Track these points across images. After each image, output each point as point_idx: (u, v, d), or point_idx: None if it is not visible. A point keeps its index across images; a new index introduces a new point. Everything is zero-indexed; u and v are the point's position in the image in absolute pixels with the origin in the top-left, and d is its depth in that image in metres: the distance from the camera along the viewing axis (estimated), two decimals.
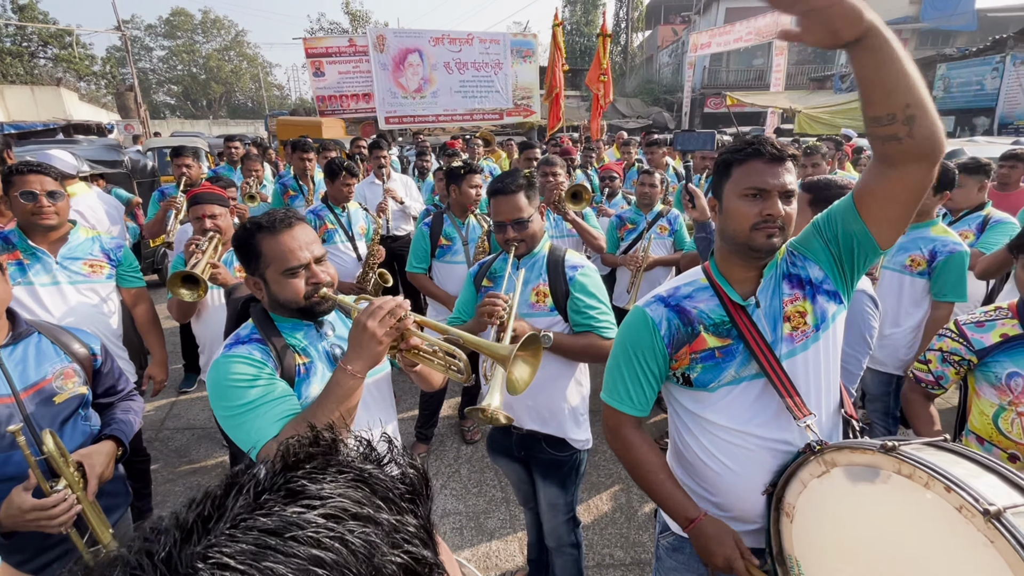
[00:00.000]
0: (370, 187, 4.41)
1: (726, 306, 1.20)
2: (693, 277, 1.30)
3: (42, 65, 29.82)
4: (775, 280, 1.20)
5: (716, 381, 1.19)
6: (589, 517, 2.72)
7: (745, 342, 1.17)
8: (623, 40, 28.97)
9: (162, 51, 44.28)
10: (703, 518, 1.19)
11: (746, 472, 1.20)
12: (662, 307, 1.25)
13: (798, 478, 1.10)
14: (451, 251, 2.91)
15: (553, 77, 8.75)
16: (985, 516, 0.76)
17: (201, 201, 2.30)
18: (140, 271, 2.35)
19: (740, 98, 15.80)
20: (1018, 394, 1.42)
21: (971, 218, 2.92)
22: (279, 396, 1.17)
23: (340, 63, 16.40)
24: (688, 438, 1.29)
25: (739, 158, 1.16)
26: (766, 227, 1.11)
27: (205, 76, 44.30)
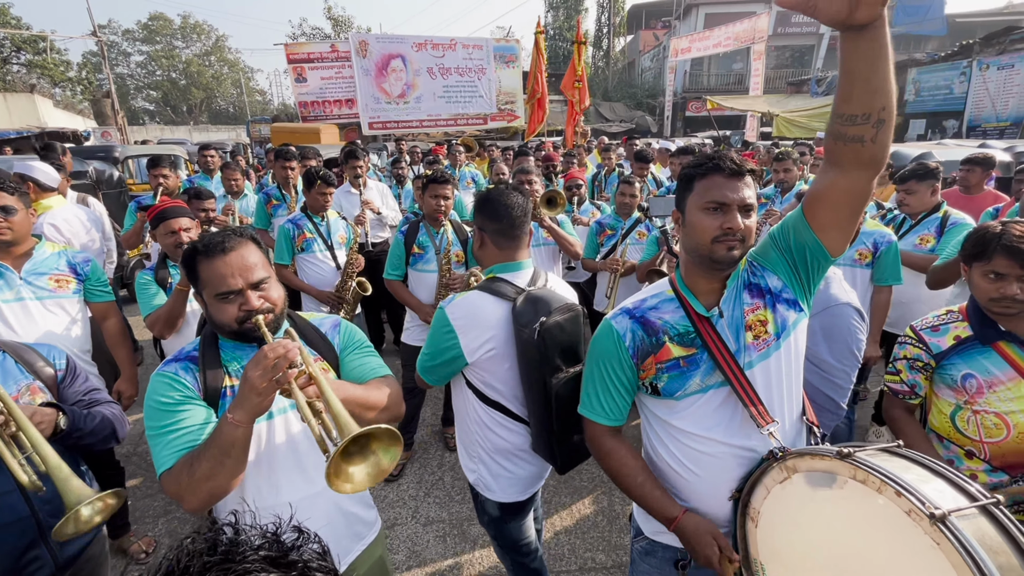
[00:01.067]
0: (346, 196, 4.38)
1: (691, 317, 1.22)
2: (659, 289, 1.33)
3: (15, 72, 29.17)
4: (737, 290, 1.23)
5: (682, 390, 1.22)
6: (571, 521, 2.73)
7: (709, 352, 1.19)
8: (605, 45, 29.27)
9: (140, 56, 43.61)
10: (684, 516, 1.21)
11: (713, 478, 1.23)
12: (627, 319, 1.27)
13: (762, 484, 1.14)
14: (423, 259, 2.91)
15: (536, 83, 8.82)
16: (931, 520, 0.79)
17: (168, 216, 2.22)
18: (108, 285, 2.31)
19: (720, 102, 16.06)
20: (972, 394, 1.47)
21: (928, 221, 3.01)
22: (186, 427, 1.15)
23: (322, 69, 16.33)
24: (658, 445, 1.31)
25: (700, 172, 1.19)
26: (726, 240, 1.14)
27: (185, 81, 43.71)
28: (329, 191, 3.13)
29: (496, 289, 1.58)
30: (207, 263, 1.17)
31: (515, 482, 1.71)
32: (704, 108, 17.51)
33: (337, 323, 1.44)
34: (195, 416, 1.17)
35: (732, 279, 1.23)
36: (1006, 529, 0.81)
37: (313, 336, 1.37)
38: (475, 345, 1.55)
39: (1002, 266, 1.43)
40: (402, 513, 2.79)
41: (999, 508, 0.83)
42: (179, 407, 1.17)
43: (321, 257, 3.20)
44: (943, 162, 6.64)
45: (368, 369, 1.40)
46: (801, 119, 14.19)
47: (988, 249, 1.46)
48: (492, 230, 1.62)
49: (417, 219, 3.00)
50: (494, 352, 1.56)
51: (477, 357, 1.57)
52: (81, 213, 3.07)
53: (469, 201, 5.14)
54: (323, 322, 1.43)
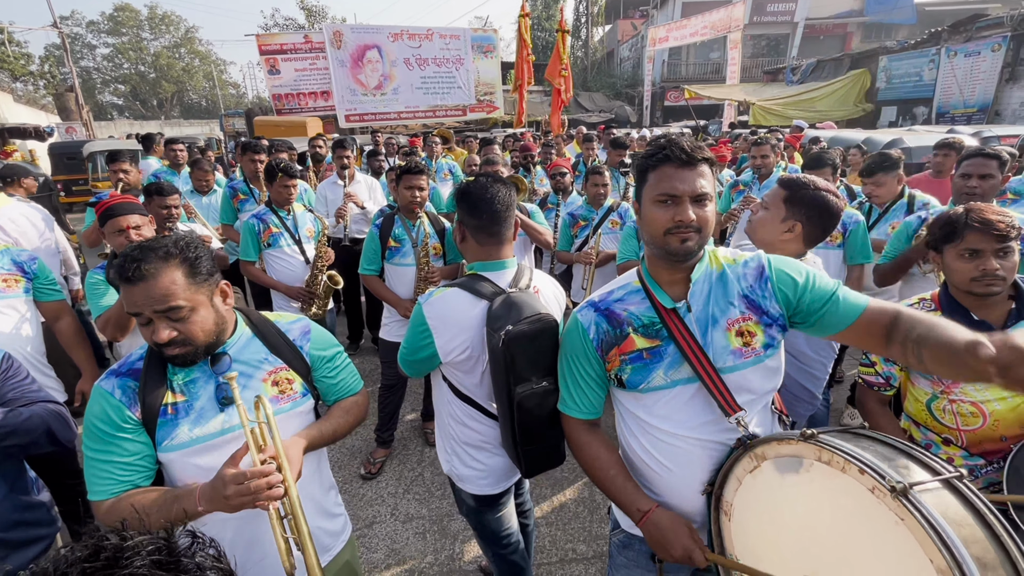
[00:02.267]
0: (332, 188, 4.25)
1: (657, 309, 1.20)
2: (626, 280, 1.30)
3: None
4: (709, 288, 1.20)
5: (645, 382, 1.19)
6: (552, 513, 2.72)
7: (676, 343, 1.17)
8: (584, 34, 29.18)
9: (107, 49, 42.13)
10: (655, 509, 1.18)
11: (684, 472, 1.20)
12: (592, 312, 1.26)
13: (733, 475, 1.11)
14: (400, 253, 2.84)
15: (520, 70, 8.70)
16: (892, 494, 0.78)
17: (116, 213, 2.07)
18: (57, 284, 2.20)
19: (698, 91, 16.16)
20: (948, 384, 1.46)
21: (897, 208, 3.07)
22: (121, 461, 1.11)
23: (296, 60, 15.96)
24: (631, 439, 1.29)
25: (652, 163, 1.16)
26: (679, 232, 1.12)
27: (155, 75, 42.42)
28: (292, 183, 3.03)
29: (475, 288, 1.52)
30: (122, 285, 1.09)
31: (487, 474, 1.68)
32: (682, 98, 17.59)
33: (307, 330, 1.37)
34: (129, 449, 1.13)
35: (699, 272, 1.20)
36: (970, 502, 0.80)
37: (278, 342, 1.31)
38: (450, 347, 1.51)
39: (976, 242, 1.42)
40: (381, 511, 2.75)
41: (962, 481, 0.82)
42: (113, 439, 1.11)
43: (289, 252, 3.11)
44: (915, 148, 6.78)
45: (345, 388, 1.42)
46: (776, 107, 14.35)
47: (959, 228, 1.46)
48: (473, 226, 1.55)
49: (392, 212, 2.93)
50: (468, 353, 1.52)
51: (451, 358, 1.53)
52: (32, 212, 2.92)
53: (446, 193, 5.07)
54: (291, 327, 1.36)
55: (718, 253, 1.25)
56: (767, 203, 1.77)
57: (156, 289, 1.08)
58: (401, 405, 3.18)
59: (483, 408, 1.62)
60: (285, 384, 1.28)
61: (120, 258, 1.09)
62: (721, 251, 1.26)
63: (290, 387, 1.29)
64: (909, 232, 2.55)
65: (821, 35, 22.67)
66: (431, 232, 2.89)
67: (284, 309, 3.23)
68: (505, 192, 1.55)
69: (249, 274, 3.21)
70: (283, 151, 5.11)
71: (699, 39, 18.48)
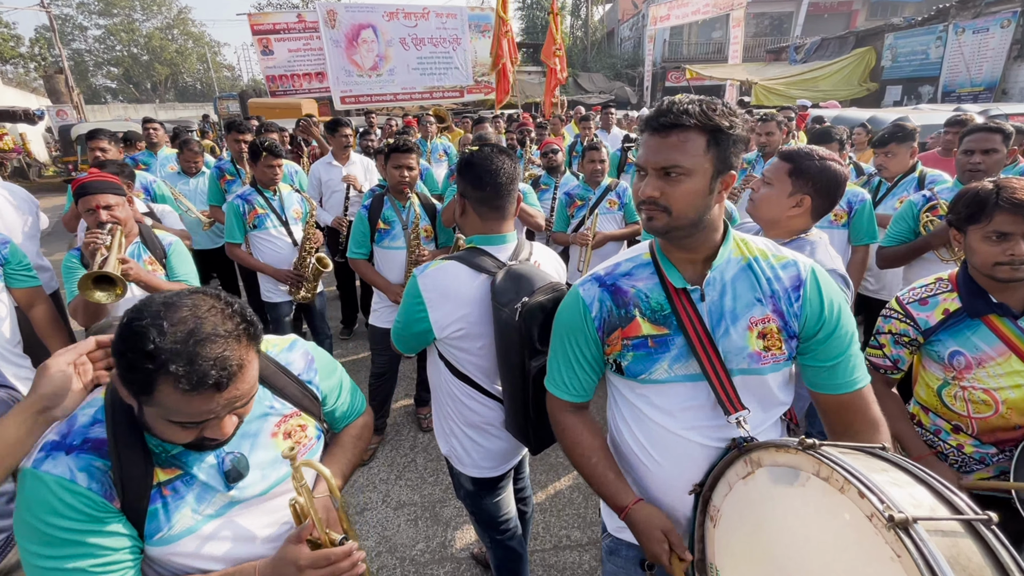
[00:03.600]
0: (327, 168, 4.11)
1: (666, 289, 1.08)
2: (637, 252, 1.17)
3: None
4: (732, 278, 1.07)
5: (647, 373, 1.09)
6: (546, 498, 2.67)
7: (684, 334, 1.05)
8: (583, 14, 28.57)
9: (98, 30, 41.32)
10: (634, 505, 1.10)
11: (675, 468, 1.11)
12: (596, 287, 1.13)
13: (725, 479, 1.02)
14: (390, 235, 2.75)
15: (499, 47, 8.42)
16: (888, 524, 0.67)
17: (89, 191, 1.95)
18: (32, 269, 2.11)
19: (699, 71, 15.88)
20: (960, 370, 1.39)
21: (906, 182, 2.97)
22: (89, 568, 0.82)
23: (290, 40, 15.64)
24: (622, 426, 1.20)
25: (641, 129, 1.03)
26: (643, 208, 1.01)
27: (148, 57, 41.64)
28: (277, 163, 2.93)
29: (474, 261, 1.45)
30: (190, 395, 0.77)
31: (487, 456, 1.63)
32: (684, 78, 17.28)
33: (311, 358, 1.13)
34: (112, 546, 0.84)
35: (720, 261, 1.06)
36: (993, 553, 0.66)
37: (282, 382, 1.05)
38: (445, 321, 1.45)
39: (1005, 224, 1.32)
40: (372, 498, 2.70)
41: (990, 527, 0.68)
42: (82, 543, 0.82)
43: (275, 233, 3.01)
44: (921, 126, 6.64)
45: (353, 412, 1.26)
46: (780, 87, 14.12)
47: (987, 207, 1.35)
48: (474, 198, 1.47)
49: (382, 192, 2.83)
50: (464, 331, 1.45)
51: (447, 333, 1.47)
52: (6, 192, 2.81)
53: (440, 174, 4.95)
54: (292, 358, 1.10)
55: (750, 241, 1.10)
56: (769, 178, 1.67)
57: (245, 384, 0.83)
58: (393, 392, 3.12)
59: (483, 388, 1.55)
60: (298, 433, 1.05)
61: (184, 364, 0.75)
62: (756, 240, 1.12)
63: (303, 434, 1.06)
64: (914, 212, 2.45)
65: (825, 13, 22.22)
66: (422, 214, 2.79)
67: (272, 292, 3.15)
68: (510, 164, 1.47)
69: (236, 256, 3.12)
70: (273, 131, 4.97)
71: (701, 17, 18.10)
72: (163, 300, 0.80)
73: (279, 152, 2.92)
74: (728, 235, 1.07)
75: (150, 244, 2.22)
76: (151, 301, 0.81)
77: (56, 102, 17.97)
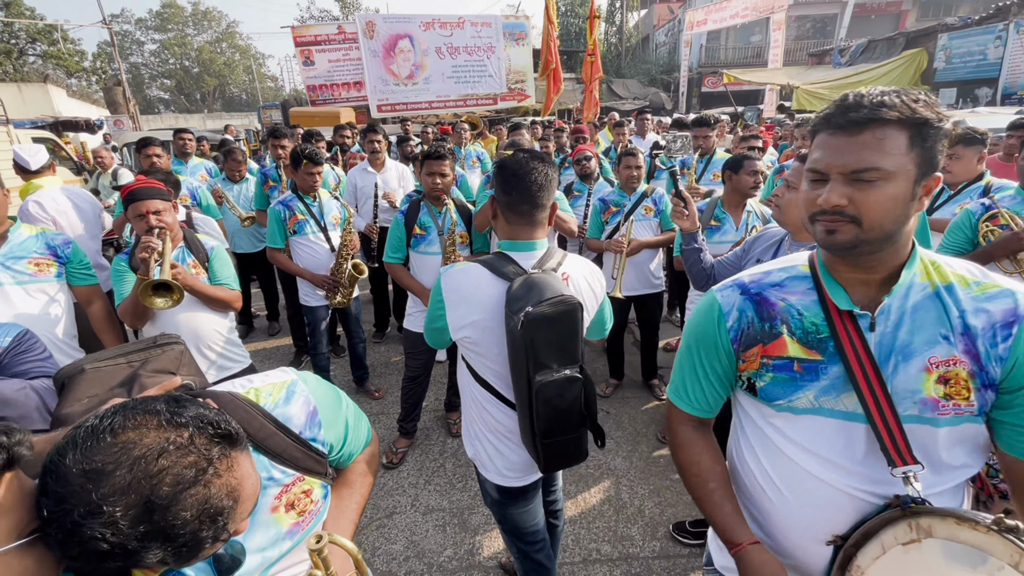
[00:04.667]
0: (362, 174, 4.19)
1: (826, 309, 0.92)
2: (791, 262, 1.02)
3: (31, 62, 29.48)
4: (912, 306, 0.89)
5: (786, 399, 0.95)
6: (576, 510, 2.63)
7: (844, 363, 0.89)
8: (618, 20, 28.43)
9: (153, 44, 43.75)
10: (749, 546, 0.96)
11: (810, 512, 0.96)
12: (737, 294, 1.01)
13: (879, 538, 0.86)
14: (426, 240, 2.78)
15: (548, 52, 8.50)
16: None
17: (138, 197, 2.02)
18: (91, 268, 2.23)
19: (737, 76, 15.52)
20: None
21: (971, 190, 2.79)
22: None
23: (330, 51, 16.12)
24: (746, 453, 1.06)
25: (815, 128, 0.88)
26: (823, 220, 0.85)
27: (198, 69, 43.81)
28: (317, 170, 3.01)
29: (497, 266, 1.43)
30: (166, 564, 0.66)
31: (510, 466, 1.60)
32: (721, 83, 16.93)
33: (311, 407, 0.97)
34: None
35: (902, 281, 0.88)
36: None
37: (281, 445, 0.90)
38: (459, 323, 1.44)
39: None
40: (401, 501, 2.72)
41: None
42: None
43: (314, 239, 3.09)
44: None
45: (360, 446, 1.13)
46: (823, 91, 13.65)
47: None
48: (503, 203, 1.46)
49: (418, 198, 2.86)
50: (476, 335, 1.44)
51: (460, 335, 1.47)
52: (74, 194, 3.00)
53: (474, 181, 4.99)
54: (291, 413, 0.94)
55: (944, 265, 0.91)
56: (793, 182, 1.64)
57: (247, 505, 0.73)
58: (424, 396, 3.14)
59: (502, 396, 1.53)
60: (303, 501, 0.93)
61: (159, 547, 0.61)
62: (954, 264, 0.92)
63: (308, 500, 0.94)
64: (972, 221, 2.29)
65: (872, 15, 21.41)
66: (458, 220, 2.81)
67: (309, 297, 3.23)
68: (542, 170, 1.43)
69: (276, 261, 3.21)
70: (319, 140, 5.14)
71: (739, 21, 17.72)
72: (83, 469, 0.58)
73: (319, 160, 3.00)
74: (914, 255, 0.90)
75: (194, 248, 2.30)
76: (64, 471, 0.58)
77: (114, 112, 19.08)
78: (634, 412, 3.43)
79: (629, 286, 3.23)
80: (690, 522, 2.45)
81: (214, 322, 2.26)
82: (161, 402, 0.66)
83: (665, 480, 2.81)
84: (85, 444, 0.59)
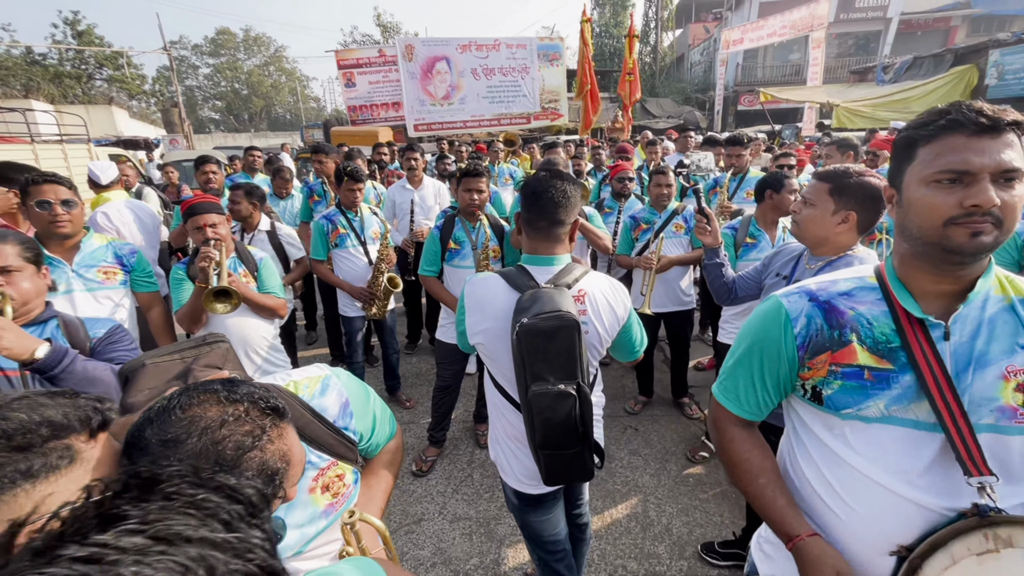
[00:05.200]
0: (400, 191, 4.34)
1: (897, 319, 0.93)
2: (857, 273, 1.03)
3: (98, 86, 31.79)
4: (987, 317, 0.89)
5: (854, 408, 0.94)
6: (602, 526, 2.62)
7: (916, 373, 0.89)
8: (652, 40, 28.57)
9: (207, 68, 46.47)
10: (808, 538, 0.96)
11: (876, 523, 0.94)
12: (805, 300, 1.01)
13: (949, 549, 0.84)
14: (460, 255, 2.88)
15: (584, 74, 8.67)
16: None
17: (198, 211, 2.24)
18: (153, 276, 2.41)
19: (775, 94, 15.28)
20: None
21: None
22: None
23: (370, 73, 16.81)
24: (802, 462, 1.05)
25: (926, 134, 0.87)
26: (969, 223, 0.82)
27: (247, 91, 46.23)
28: (357, 187, 3.17)
29: (514, 278, 1.50)
30: None
31: (526, 472, 1.64)
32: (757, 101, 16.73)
33: (344, 399, 1.10)
34: None
35: (979, 289, 0.89)
36: None
37: (317, 432, 1.02)
38: (474, 328, 1.54)
39: None
40: (429, 508, 2.77)
41: None
42: None
43: (354, 252, 3.24)
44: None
45: (386, 439, 1.25)
46: (865, 109, 13.30)
47: None
48: (524, 218, 1.55)
49: (453, 213, 2.98)
50: (485, 343, 1.53)
51: (475, 341, 1.56)
52: (137, 207, 3.26)
53: (507, 197, 5.10)
54: (326, 403, 1.06)
55: (1016, 280, 0.94)
56: (810, 199, 1.70)
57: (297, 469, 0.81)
58: (455, 406, 3.20)
59: (516, 402, 1.59)
60: (336, 484, 1.02)
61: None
62: (1020, 279, 0.96)
63: (341, 484, 1.04)
64: (1017, 243, 2.22)
65: (919, 31, 20.82)
66: (491, 235, 2.90)
67: (348, 307, 3.37)
68: (562, 188, 1.48)
69: (319, 272, 3.38)
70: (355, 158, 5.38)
71: (777, 39, 17.52)
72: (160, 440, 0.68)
73: (359, 177, 3.17)
74: (991, 267, 0.92)
75: (244, 258, 2.47)
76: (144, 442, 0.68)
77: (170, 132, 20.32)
78: (663, 430, 3.40)
79: (658, 303, 3.24)
80: (719, 543, 2.41)
81: (260, 328, 2.41)
82: (218, 384, 0.76)
83: (694, 500, 2.77)
84: (160, 420, 0.70)
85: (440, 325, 3.05)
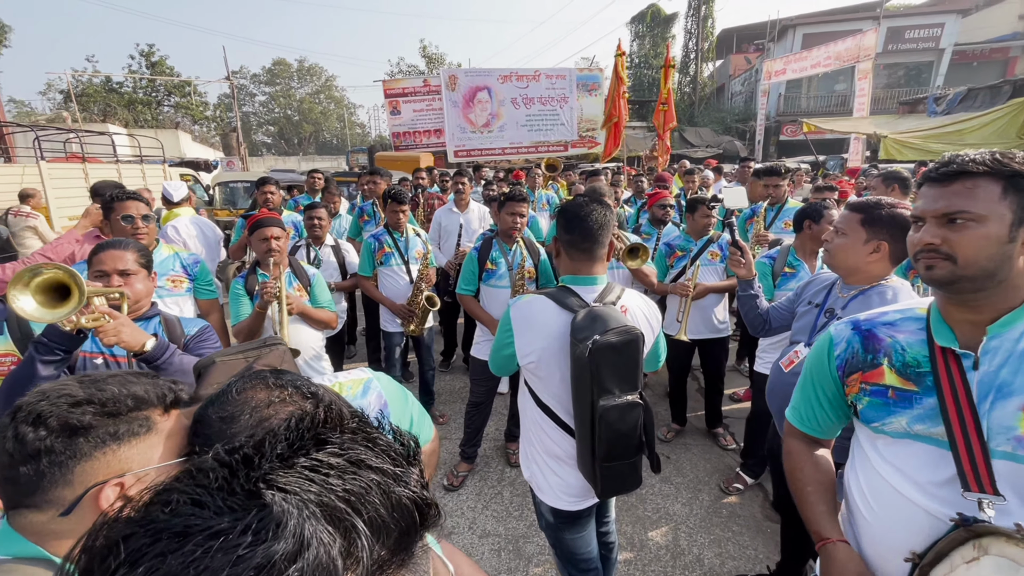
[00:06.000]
0: (447, 215, 4.50)
1: (931, 348, 1.01)
2: (911, 305, 1.12)
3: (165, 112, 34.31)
4: (1017, 350, 0.94)
5: (879, 423, 1.05)
6: (632, 552, 2.60)
7: (939, 397, 0.97)
8: (692, 70, 28.70)
9: (263, 96, 49.51)
10: (837, 542, 1.07)
11: (891, 527, 1.04)
12: (849, 329, 1.14)
13: (948, 558, 0.92)
14: (496, 275, 2.99)
15: (613, 106, 8.82)
16: None
17: (264, 225, 2.45)
18: (213, 284, 2.62)
19: (819, 124, 15.03)
20: None
21: None
22: None
23: (415, 102, 17.53)
24: (851, 472, 1.17)
25: (918, 185, 1.03)
26: (923, 257, 0.97)
27: (298, 117, 48.89)
28: (402, 209, 3.35)
29: (561, 298, 1.57)
30: None
31: (565, 489, 1.68)
32: (800, 131, 16.49)
33: (383, 401, 1.22)
34: None
35: (1006, 323, 0.93)
36: None
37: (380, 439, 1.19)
38: (526, 349, 1.58)
39: None
40: (459, 523, 2.82)
41: None
42: None
43: (397, 270, 3.40)
44: None
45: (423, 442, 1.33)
46: (915, 140, 12.91)
47: None
48: (566, 241, 1.63)
49: (492, 235, 3.10)
50: (541, 361, 1.57)
51: (526, 361, 1.60)
52: (202, 223, 3.57)
53: (544, 223, 5.22)
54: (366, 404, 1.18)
55: None
56: (842, 229, 1.73)
57: None
58: (486, 422, 3.26)
59: (561, 420, 1.63)
60: None
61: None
62: None
63: None
64: None
65: (975, 61, 20.19)
66: (527, 256, 3.00)
67: (388, 323, 3.52)
68: (600, 212, 1.59)
69: (364, 287, 3.55)
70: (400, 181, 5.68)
71: (821, 71, 17.31)
72: (219, 416, 0.80)
73: (403, 199, 3.36)
74: None
75: (298, 273, 2.65)
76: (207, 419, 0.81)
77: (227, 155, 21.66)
78: (696, 459, 3.35)
79: (693, 329, 3.24)
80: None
81: (311, 337, 2.57)
82: (268, 372, 0.90)
83: (727, 531, 2.71)
84: (219, 401, 0.83)
85: (475, 343, 3.15)
